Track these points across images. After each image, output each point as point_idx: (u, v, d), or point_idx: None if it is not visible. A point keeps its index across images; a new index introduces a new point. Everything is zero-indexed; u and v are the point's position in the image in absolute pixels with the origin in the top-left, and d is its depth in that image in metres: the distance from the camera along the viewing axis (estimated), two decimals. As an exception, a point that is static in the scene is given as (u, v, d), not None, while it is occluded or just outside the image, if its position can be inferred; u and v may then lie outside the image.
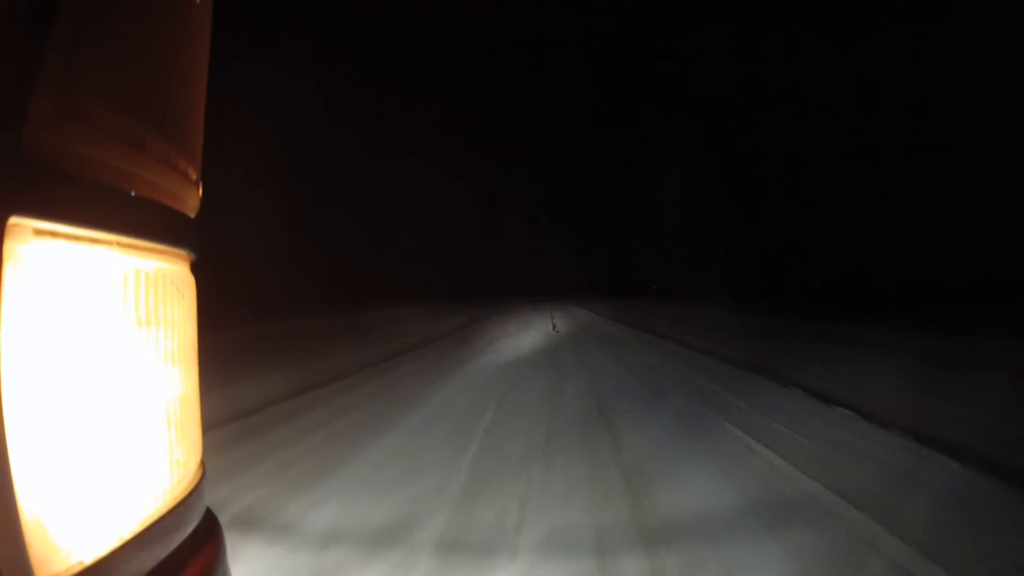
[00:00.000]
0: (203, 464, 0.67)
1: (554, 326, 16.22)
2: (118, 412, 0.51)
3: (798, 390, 5.65)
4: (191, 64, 0.66)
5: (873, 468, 3.33)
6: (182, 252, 0.62)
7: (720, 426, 4.39)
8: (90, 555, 0.46)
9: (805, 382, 5.93)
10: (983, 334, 9.10)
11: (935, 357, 7.41)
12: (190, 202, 0.66)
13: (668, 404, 5.31)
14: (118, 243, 0.51)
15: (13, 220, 0.41)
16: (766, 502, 2.83)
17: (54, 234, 0.45)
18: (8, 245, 0.41)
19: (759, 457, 3.58)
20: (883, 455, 3.57)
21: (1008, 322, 9.90)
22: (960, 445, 3.60)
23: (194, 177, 0.66)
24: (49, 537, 0.43)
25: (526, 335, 13.28)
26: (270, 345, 9.69)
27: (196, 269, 0.67)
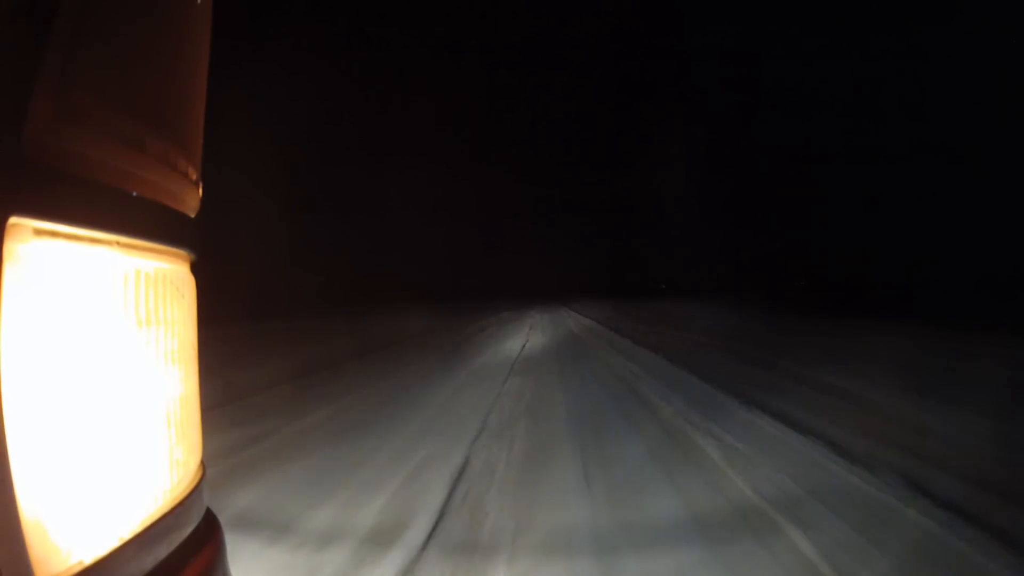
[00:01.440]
0: (203, 464, 0.67)
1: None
2: (118, 412, 0.51)
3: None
4: (191, 64, 0.66)
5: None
6: (182, 252, 0.62)
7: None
8: (90, 555, 0.46)
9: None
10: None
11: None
12: (190, 202, 0.66)
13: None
14: (118, 243, 0.51)
15: (13, 220, 0.41)
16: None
17: (54, 234, 0.45)
18: (8, 245, 0.41)
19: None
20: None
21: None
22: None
23: (194, 177, 0.66)
24: (49, 537, 0.43)
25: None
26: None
27: (196, 269, 0.67)
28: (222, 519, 0.68)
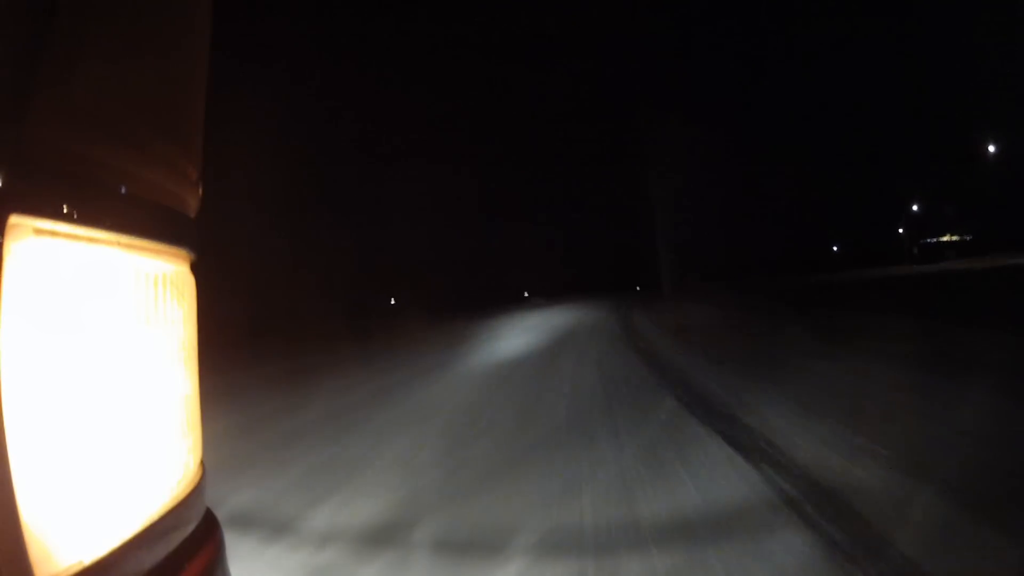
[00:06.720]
0: (203, 464, 0.67)
1: None
2: (118, 412, 0.51)
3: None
4: (191, 64, 0.66)
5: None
6: (182, 252, 0.62)
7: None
8: (90, 555, 0.46)
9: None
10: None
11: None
12: (190, 202, 0.66)
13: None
14: (118, 242, 0.51)
15: (13, 219, 0.41)
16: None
17: (54, 233, 0.44)
18: (8, 244, 0.41)
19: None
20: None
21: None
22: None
23: (194, 177, 0.66)
24: (49, 537, 0.43)
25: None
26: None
27: (196, 269, 0.67)
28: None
